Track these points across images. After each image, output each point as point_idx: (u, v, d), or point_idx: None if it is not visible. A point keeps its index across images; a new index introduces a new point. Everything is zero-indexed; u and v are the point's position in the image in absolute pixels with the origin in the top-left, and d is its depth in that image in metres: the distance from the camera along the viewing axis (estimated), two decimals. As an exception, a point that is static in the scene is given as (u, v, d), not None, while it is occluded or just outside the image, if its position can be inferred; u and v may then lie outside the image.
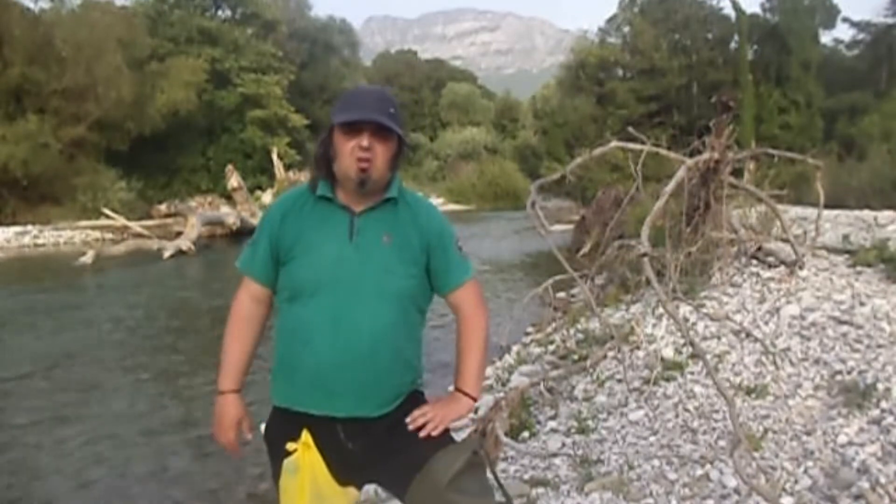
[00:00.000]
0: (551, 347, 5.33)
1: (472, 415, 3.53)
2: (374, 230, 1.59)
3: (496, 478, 1.69)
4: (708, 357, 3.46)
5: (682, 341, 4.29)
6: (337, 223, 1.59)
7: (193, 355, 6.83)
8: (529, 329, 6.70)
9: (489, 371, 4.92)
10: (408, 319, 1.63)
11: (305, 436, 1.59)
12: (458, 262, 1.69)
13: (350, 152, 1.54)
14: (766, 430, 3.11)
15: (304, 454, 1.59)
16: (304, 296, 1.57)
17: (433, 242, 1.64)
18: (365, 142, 1.52)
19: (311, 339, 1.55)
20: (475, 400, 1.69)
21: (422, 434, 1.57)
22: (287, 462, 1.60)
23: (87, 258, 13.70)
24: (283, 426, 1.63)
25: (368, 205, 1.60)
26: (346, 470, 1.62)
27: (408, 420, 1.60)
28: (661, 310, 4.73)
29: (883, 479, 2.54)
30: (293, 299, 1.60)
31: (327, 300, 1.55)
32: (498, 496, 1.68)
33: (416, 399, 1.68)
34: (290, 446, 1.60)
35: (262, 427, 1.73)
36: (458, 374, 1.70)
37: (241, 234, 18.51)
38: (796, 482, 2.68)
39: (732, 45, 33.08)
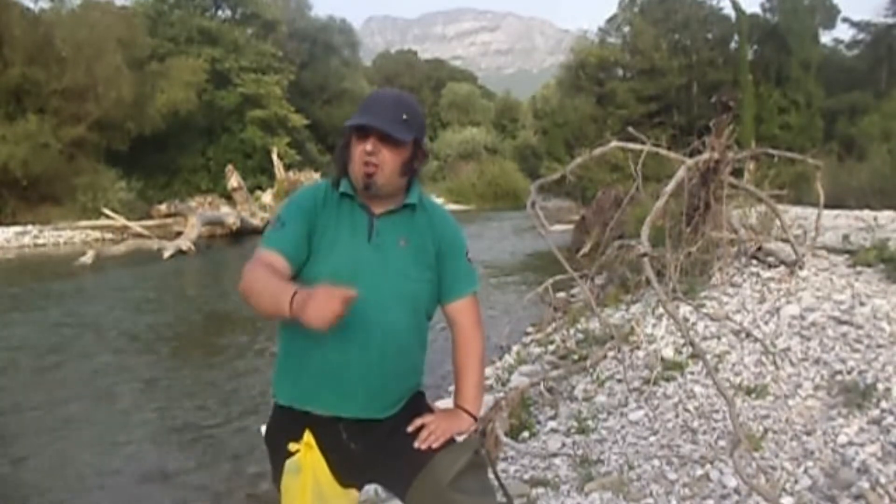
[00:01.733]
0: (551, 347, 5.33)
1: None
2: (391, 233, 1.59)
3: (497, 478, 1.69)
4: (708, 357, 3.46)
5: (682, 341, 4.29)
6: (357, 222, 1.59)
7: (193, 355, 6.84)
8: (529, 329, 6.70)
9: (489, 371, 4.92)
10: (418, 323, 1.63)
11: (308, 436, 1.58)
12: (466, 273, 1.69)
13: (358, 156, 1.54)
14: (766, 430, 3.11)
15: (307, 455, 1.58)
16: None
17: (444, 248, 1.64)
18: (369, 146, 1.52)
19: (322, 339, 1.51)
20: (475, 418, 1.68)
21: (422, 446, 1.56)
22: (289, 462, 1.60)
23: (87, 258, 13.69)
24: (286, 426, 1.62)
25: (388, 208, 1.60)
26: (347, 471, 1.62)
27: (409, 429, 1.60)
28: (661, 310, 4.73)
29: (883, 479, 2.54)
30: None
31: None
32: (499, 496, 1.68)
33: (418, 401, 1.68)
34: (292, 447, 1.60)
35: (263, 428, 1.73)
36: (458, 391, 1.70)
37: (241, 234, 18.53)
38: (796, 482, 2.68)
39: (732, 45, 33.05)
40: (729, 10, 32.12)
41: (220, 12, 32.76)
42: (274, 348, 1.69)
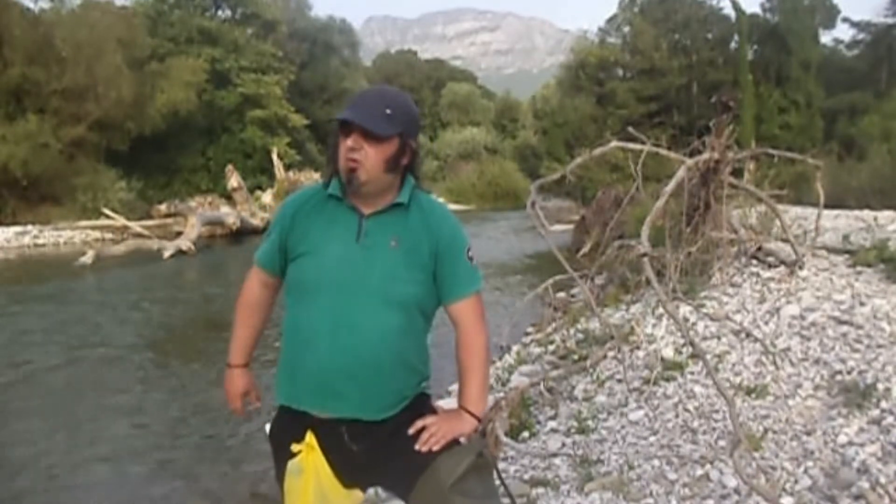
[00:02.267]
0: (551, 347, 5.33)
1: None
2: (381, 234, 1.57)
3: (502, 480, 1.69)
4: (708, 357, 3.46)
5: (682, 341, 4.29)
6: (345, 223, 1.58)
7: (193, 355, 6.84)
8: (529, 329, 6.70)
9: (489, 368, 4.91)
10: (412, 324, 1.60)
11: (310, 437, 1.59)
12: (466, 273, 1.65)
13: (342, 152, 1.54)
14: (766, 430, 3.11)
15: (309, 456, 1.59)
16: (307, 295, 1.57)
17: (442, 248, 1.61)
18: (350, 142, 1.51)
19: (311, 340, 1.55)
20: (479, 420, 1.67)
21: (423, 448, 1.55)
22: (291, 463, 1.61)
23: (87, 258, 13.68)
24: (288, 426, 1.63)
25: (377, 208, 1.58)
26: (350, 472, 1.62)
27: (411, 431, 1.59)
28: (661, 310, 4.73)
29: (883, 479, 2.54)
30: (298, 298, 1.60)
31: (329, 301, 1.54)
32: (503, 499, 1.68)
33: (421, 402, 1.67)
34: (294, 447, 1.60)
35: (267, 427, 1.74)
36: (462, 393, 1.69)
37: (242, 234, 18.51)
38: (796, 482, 2.68)
39: (732, 45, 33.03)
40: (729, 10, 32.15)
41: (220, 12, 32.69)
42: (275, 347, 1.70)
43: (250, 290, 1.77)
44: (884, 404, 3.08)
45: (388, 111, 1.52)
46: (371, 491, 2.87)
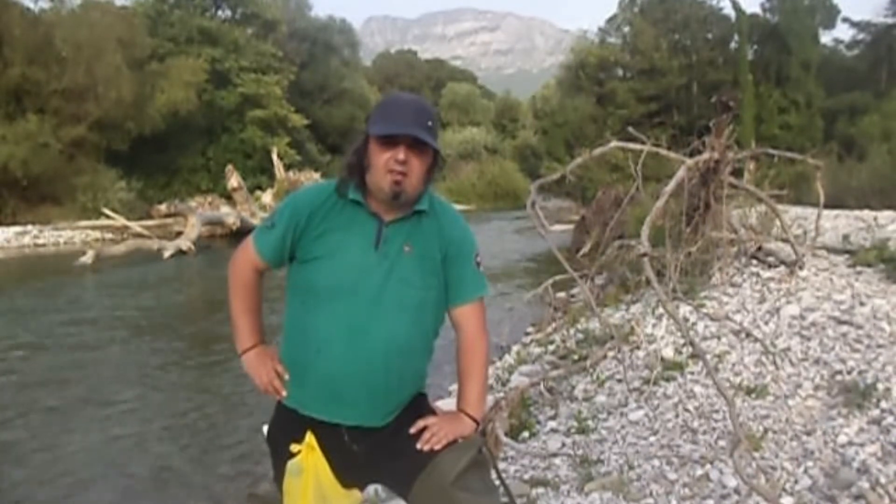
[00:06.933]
0: (551, 347, 5.34)
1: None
2: (398, 240, 1.56)
3: (500, 477, 1.70)
4: (708, 357, 3.46)
5: (682, 341, 4.29)
6: (365, 229, 1.56)
7: (194, 355, 6.84)
8: (529, 329, 6.70)
9: (489, 371, 4.91)
10: (424, 332, 1.61)
11: (309, 438, 1.59)
12: (473, 277, 1.66)
13: (384, 165, 1.50)
14: (766, 430, 3.11)
15: (308, 456, 1.59)
16: (320, 299, 1.54)
17: (452, 252, 1.61)
18: (401, 155, 1.48)
19: (324, 347, 1.54)
20: (478, 423, 1.68)
21: (425, 447, 1.56)
22: (291, 464, 1.60)
23: (87, 258, 13.68)
24: (288, 426, 1.63)
25: (398, 215, 1.57)
26: (349, 471, 1.62)
27: (412, 430, 1.59)
28: (661, 310, 4.73)
29: (883, 479, 2.54)
30: (307, 301, 1.57)
31: (344, 307, 1.52)
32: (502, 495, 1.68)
33: (420, 402, 1.68)
34: (293, 448, 1.60)
35: (265, 429, 1.73)
36: (462, 396, 1.69)
37: (241, 233, 18.51)
38: (796, 482, 2.68)
39: (732, 45, 33.05)
40: (729, 10, 32.18)
41: (220, 12, 32.72)
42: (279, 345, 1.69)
43: (246, 275, 1.68)
44: (884, 404, 3.08)
45: (429, 123, 1.52)
46: (371, 491, 2.88)
